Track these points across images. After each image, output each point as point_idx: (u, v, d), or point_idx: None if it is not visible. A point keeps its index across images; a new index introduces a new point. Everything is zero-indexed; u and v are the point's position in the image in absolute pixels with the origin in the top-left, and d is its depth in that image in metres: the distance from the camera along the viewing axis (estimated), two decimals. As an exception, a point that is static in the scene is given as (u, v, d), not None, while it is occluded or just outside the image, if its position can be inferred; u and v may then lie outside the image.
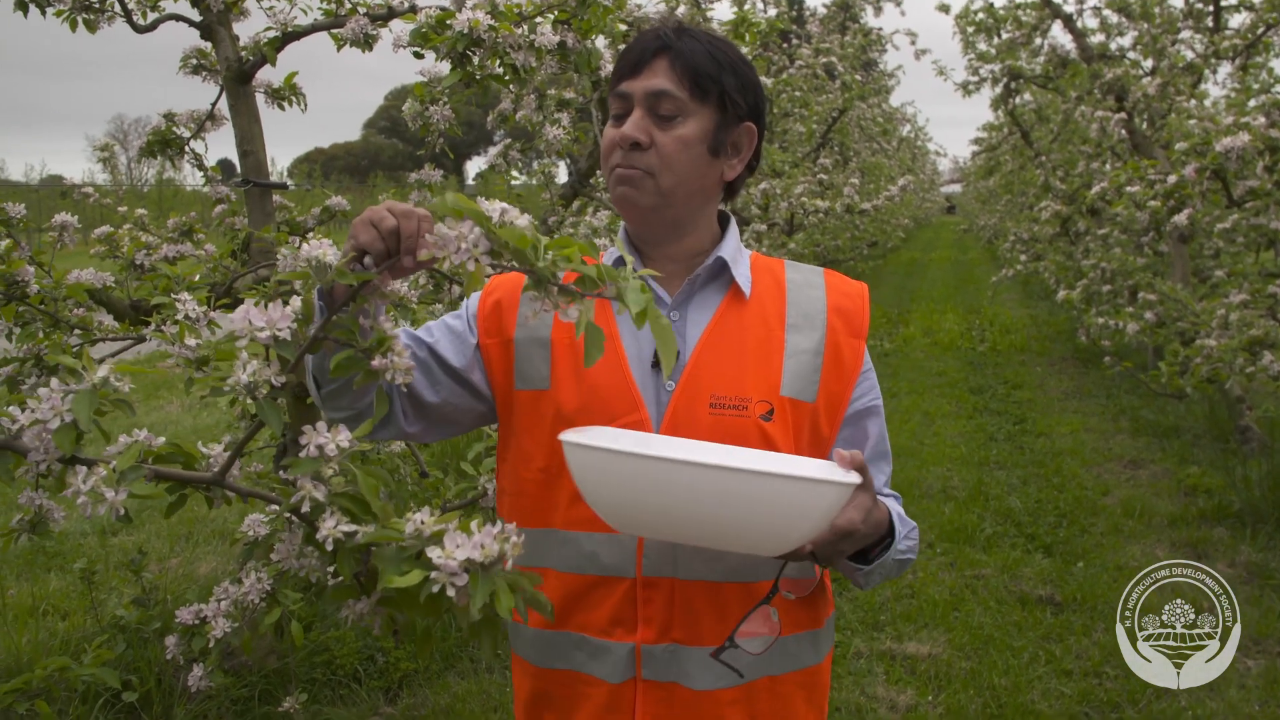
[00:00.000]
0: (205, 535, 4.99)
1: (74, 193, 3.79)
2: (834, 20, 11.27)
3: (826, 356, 1.40)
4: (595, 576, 1.36)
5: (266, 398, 1.08)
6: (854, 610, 4.19)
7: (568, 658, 1.40)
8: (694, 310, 1.42)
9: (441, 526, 0.99)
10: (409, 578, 0.96)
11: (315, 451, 1.09)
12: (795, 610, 1.41)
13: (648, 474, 1.10)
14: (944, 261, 23.59)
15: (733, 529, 1.14)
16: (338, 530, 1.05)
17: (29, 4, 2.66)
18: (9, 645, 3.58)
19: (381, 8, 2.83)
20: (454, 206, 0.99)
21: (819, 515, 1.13)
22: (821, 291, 1.45)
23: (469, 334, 1.45)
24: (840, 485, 1.14)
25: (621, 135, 1.35)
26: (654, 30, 1.38)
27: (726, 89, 1.37)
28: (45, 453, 1.10)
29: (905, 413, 7.83)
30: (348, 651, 3.52)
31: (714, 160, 1.40)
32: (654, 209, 1.38)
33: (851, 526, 1.22)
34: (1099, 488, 5.83)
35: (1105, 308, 7.56)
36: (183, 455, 1.25)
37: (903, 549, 1.38)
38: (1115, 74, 6.62)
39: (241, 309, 1.06)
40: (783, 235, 7.79)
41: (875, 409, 1.46)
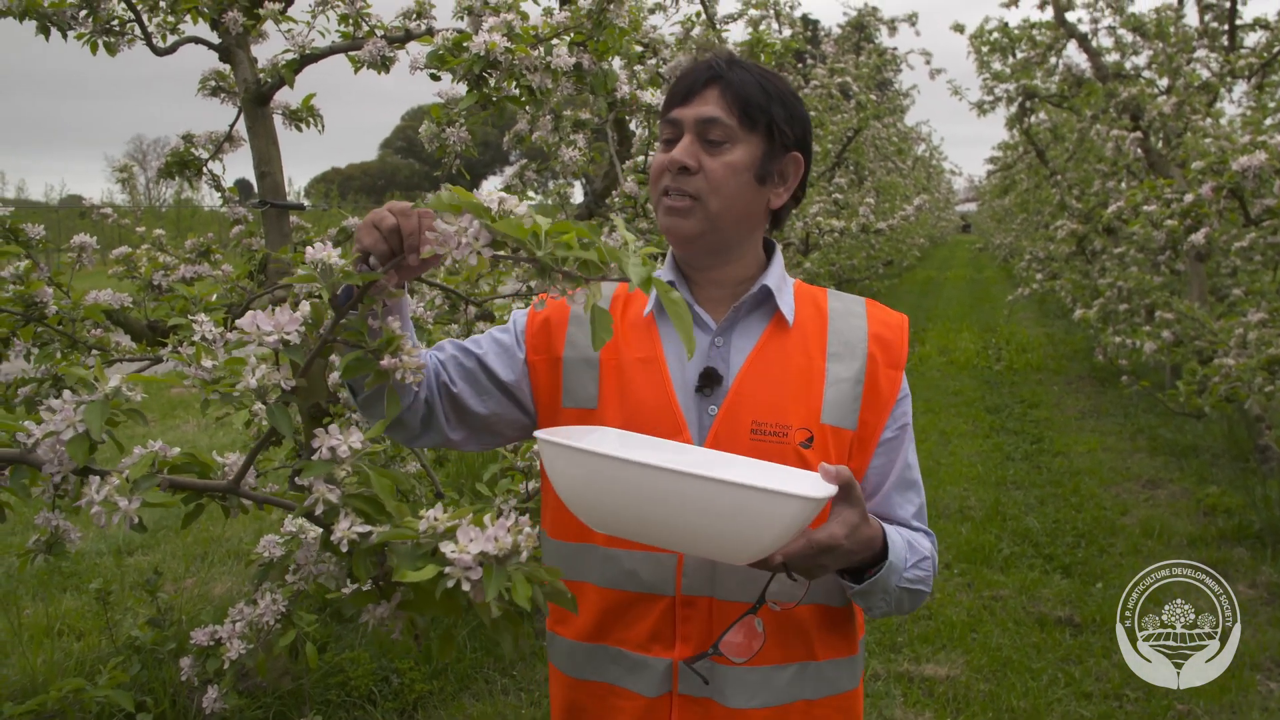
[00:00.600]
0: (220, 555, 4.99)
1: (93, 213, 3.81)
2: (848, 40, 11.30)
3: (866, 386, 1.41)
4: (635, 593, 1.38)
5: (276, 402, 1.08)
6: (871, 631, 4.16)
7: (603, 671, 1.42)
8: (738, 337, 1.44)
9: (455, 522, 0.99)
10: (424, 572, 0.96)
11: (328, 454, 1.09)
12: (831, 635, 1.42)
13: (609, 474, 1.11)
14: (959, 280, 23.52)
15: (696, 534, 1.14)
16: (352, 531, 1.05)
17: (51, 27, 2.69)
18: (24, 666, 3.58)
19: (399, 30, 2.85)
20: (451, 201, 0.99)
21: (782, 527, 1.12)
22: (863, 321, 1.46)
23: (517, 349, 1.48)
24: (802, 499, 1.11)
25: (670, 159, 1.38)
26: (706, 61, 1.42)
27: (775, 119, 1.40)
28: (60, 464, 1.10)
29: (922, 432, 7.78)
30: (362, 673, 3.51)
31: (760, 188, 1.42)
32: (701, 234, 1.40)
33: (833, 542, 1.22)
34: (1117, 507, 5.78)
35: (1122, 327, 7.51)
36: (198, 465, 1.25)
37: (910, 577, 1.36)
38: (1130, 93, 6.60)
39: (249, 315, 1.07)
40: (798, 255, 7.79)
41: (905, 438, 1.46)
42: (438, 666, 3.69)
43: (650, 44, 4.90)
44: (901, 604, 1.38)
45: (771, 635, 1.36)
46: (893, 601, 1.36)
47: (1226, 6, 7.47)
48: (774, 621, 1.36)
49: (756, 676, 1.37)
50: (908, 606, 1.39)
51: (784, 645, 1.38)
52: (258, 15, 2.96)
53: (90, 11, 2.70)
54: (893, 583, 1.33)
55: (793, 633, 1.38)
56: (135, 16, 2.84)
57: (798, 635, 1.39)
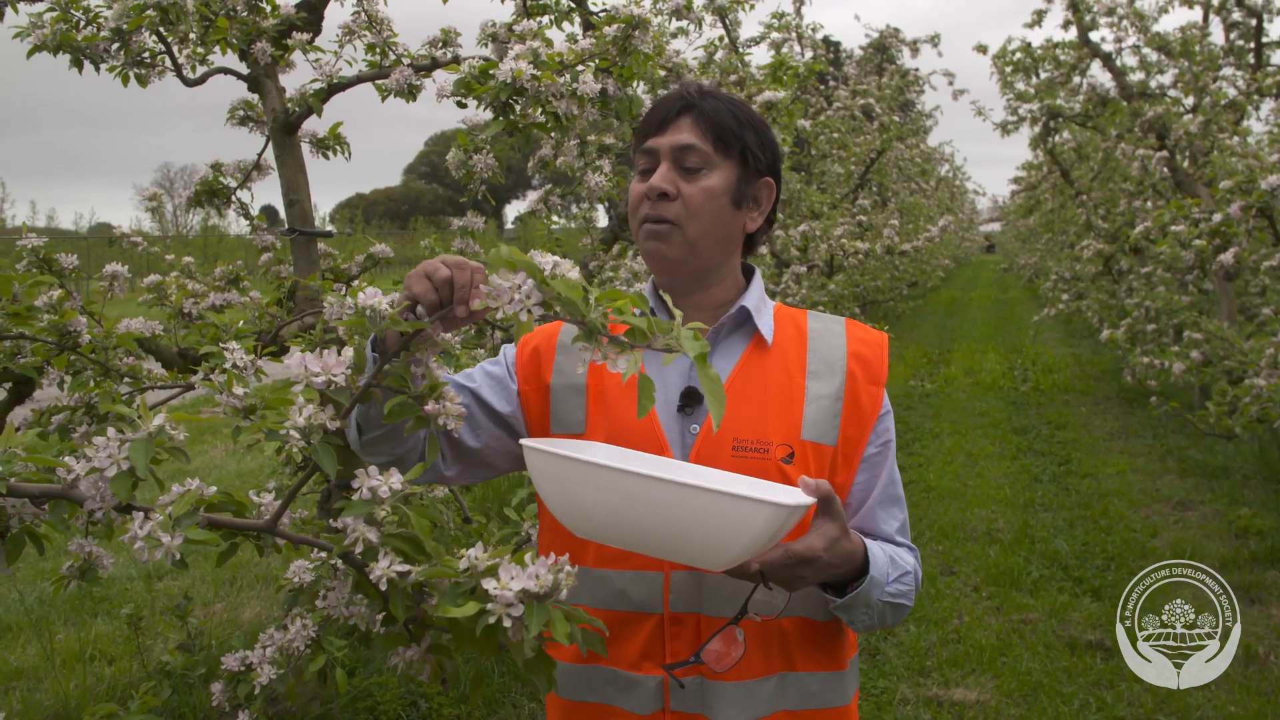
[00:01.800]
0: (249, 580, 5.02)
1: (123, 241, 3.87)
2: (871, 62, 11.33)
3: (846, 402, 1.44)
4: (625, 612, 1.41)
5: (321, 442, 1.09)
6: (900, 655, 4.12)
7: (598, 691, 1.44)
8: (718, 358, 1.47)
9: (495, 561, 1.00)
10: (466, 609, 0.97)
11: (368, 494, 1.10)
12: (812, 649, 1.43)
13: (592, 480, 1.14)
14: (985, 301, 23.41)
15: (672, 539, 1.16)
16: (391, 570, 1.06)
17: (84, 60, 2.74)
18: (58, 691, 3.61)
19: (425, 59, 2.89)
20: (509, 259, 1.01)
21: (754, 534, 1.13)
22: (842, 340, 1.49)
23: (510, 380, 1.51)
24: (772, 505, 1.11)
25: (649, 186, 1.41)
26: (677, 92, 1.47)
27: (748, 144, 1.44)
28: (101, 500, 1.12)
29: (948, 454, 7.74)
30: (391, 698, 3.51)
31: (736, 212, 1.46)
32: (681, 260, 1.43)
33: (811, 554, 1.23)
34: (1147, 529, 5.71)
35: (1150, 347, 7.45)
36: (234, 504, 1.27)
37: (892, 591, 1.37)
38: (1156, 112, 6.57)
39: (297, 356, 1.09)
40: (822, 277, 7.78)
41: (888, 454, 1.48)
42: (464, 691, 3.69)
43: (674, 69, 4.94)
44: (885, 618, 1.39)
45: (755, 648, 1.39)
46: (875, 615, 1.37)
47: (1252, 24, 7.44)
48: (757, 634, 1.39)
49: (742, 691, 1.39)
50: (890, 620, 1.41)
51: (766, 658, 1.40)
52: (286, 46, 3.01)
53: (122, 45, 2.74)
54: (875, 597, 1.35)
55: (775, 645, 1.41)
56: (166, 49, 2.89)
57: (779, 647, 1.41)
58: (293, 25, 3.05)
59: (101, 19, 2.81)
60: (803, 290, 7.42)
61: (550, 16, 3.48)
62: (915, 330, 16.84)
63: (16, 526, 1.25)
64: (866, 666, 4.04)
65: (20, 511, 1.24)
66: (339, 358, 1.10)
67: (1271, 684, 3.77)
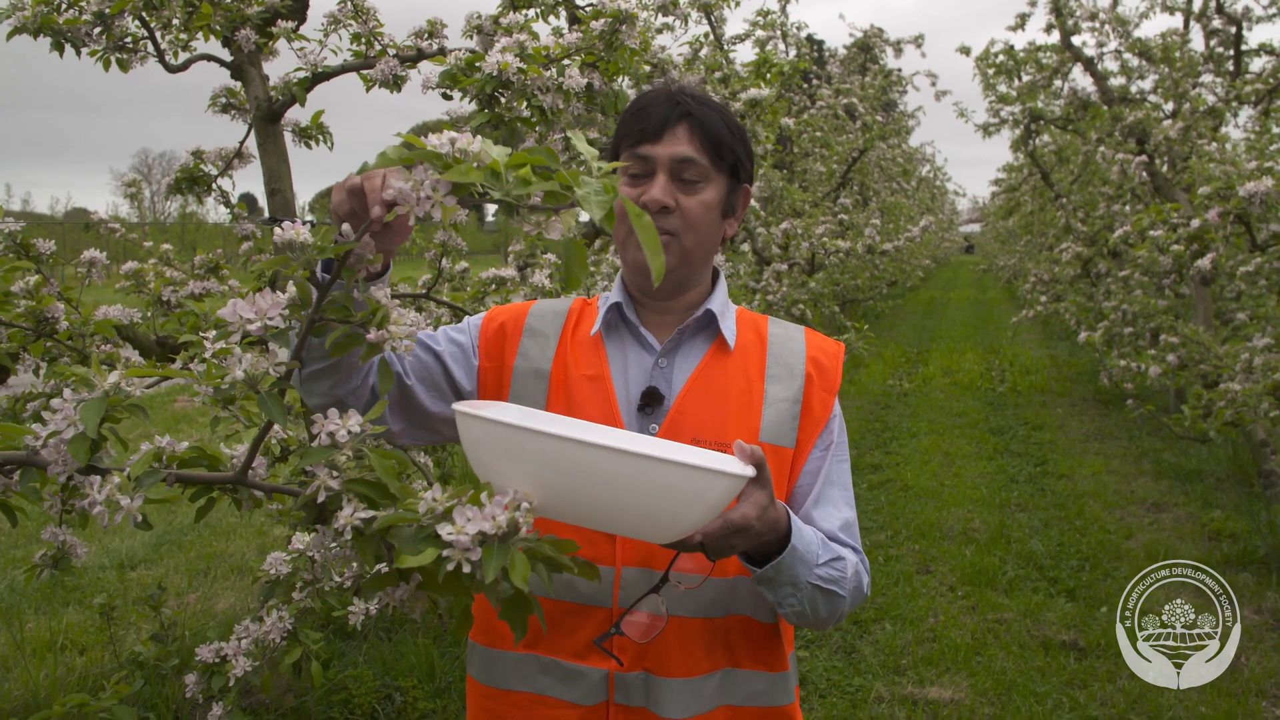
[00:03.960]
0: (223, 571, 4.99)
1: (100, 227, 3.83)
2: (854, 61, 11.36)
3: (803, 406, 1.46)
4: (572, 604, 1.40)
5: (269, 391, 1.06)
6: (875, 653, 4.14)
7: (531, 681, 1.43)
8: (680, 358, 1.49)
9: (453, 502, 0.96)
10: (423, 556, 0.93)
11: (327, 439, 1.08)
12: (755, 647, 1.44)
13: (542, 452, 1.05)
14: (963, 301, 23.54)
15: (624, 513, 1.11)
16: (355, 518, 1.03)
17: (65, 44, 2.70)
18: (27, 681, 3.57)
19: (411, 50, 2.87)
20: (401, 155, 0.95)
21: (707, 505, 1.10)
22: (801, 346, 1.51)
23: (472, 355, 1.51)
24: (732, 477, 1.10)
25: (651, 198, 1.41)
26: (670, 97, 1.45)
27: (739, 156, 1.47)
28: (64, 464, 1.10)
29: (925, 453, 7.78)
30: (366, 690, 3.50)
31: (723, 221, 1.50)
32: (673, 269, 1.45)
33: (746, 522, 1.21)
34: (1122, 531, 5.77)
35: (1127, 350, 7.51)
36: (207, 458, 1.25)
37: (823, 575, 1.34)
38: (1136, 116, 6.63)
39: (230, 304, 1.04)
40: (803, 275, 7.80)
41: (831, 458, 1.48)
42: (441, 684, 3.68)
43: (659, 64, 4.93)
44: (816, 605, 1.35)
45: (698, 645, 1.40)
46: (804, 599, 1.34)
47: (1232, 32, 7.50)
48: (700, 632, 1.40)
49: (689, 688, 1.40)
50: (824, 611, 1.37)
51: (710, 655, 1.41)
52: (270, 33, 2.98)
53: (104, 29, 2.71)
54: (802, 576, 1.32)
55: (719, 642, 1.41)
56: (149, 34, 2.86)
57: (723, 644, 1.42)
58: (277, 13, 3.03)
59: (84, 2, 2.78)
60: (783, 288, 7.43)
61: (537, 10, 3.47)
62: (894, 329, 16.91)
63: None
64: (842, 664, 4.06)
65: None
66: (274, 298, 1.04)
67: (1242, 685, 3.82)
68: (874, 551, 5.40)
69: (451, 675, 3.71)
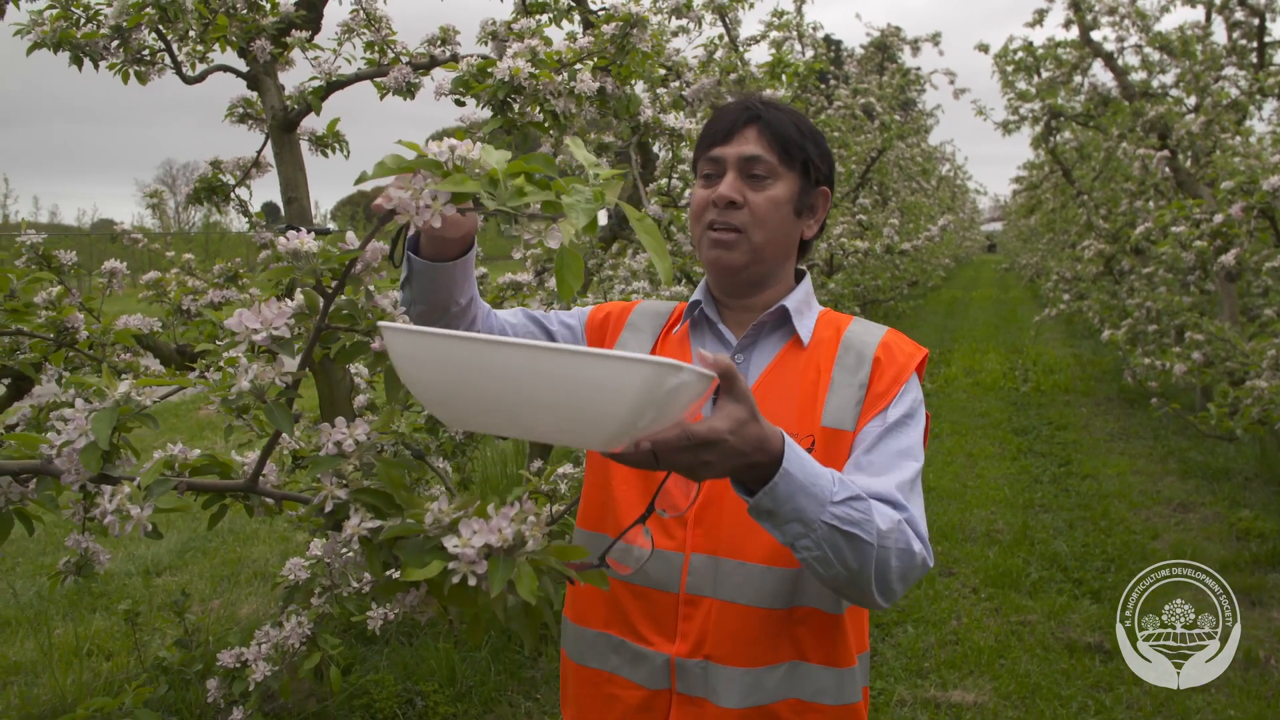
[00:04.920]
0: (247, 576, 5.02)
1: (123, 238, 3.88)
2: (871, 61, 11.31)
3: (868, 389, 1.44)
4: (643, 588, 1.44)
5: (275, 401, 1.06)
6: (897, 656, 4.12)
7: (604, 659, 1.48)
8: (756, 354, 1.51)
9: (459, 514, 0.96)
10: (428, 569, 0.93)
11: (334, 449, 1.08)
12: (822, 640, 1.42)
13: (458, 356, 1.00)
14: (985, 300, 23.39)
15: (539, 412, 1.02)
16: (362, 528, 1.03)
17: (84, 58, 2.74)
18: (54, 685, 3.61)
19: (424, 57, 2.89)
20: (398, 164, 0.94)
21: (632, 401, 0.98)
22: (876, 338, 1.50)
23: (580, 338, 1.61)
24: (649, 365, 0.97)
25: (718, 195, 1.45)
26: (742, 102, 1.51)
27: (810, 155, 1.50)
28: (76, 473, 1.11)
29: (948, 454, 7.73)
30: (387, 695, 3.51)
31: (797, 220, 1.51)
32: (744, 265, 1.48)
33: (714, 435, 1.08)
34: (1148, 531, 5.71)
35: (1151, 348, 7.43)
36: (219, 466, 1.26)
37: (839, 514, 1.19)
38: (1158, 111, 6.56)
39: (236, 314, 1.04)
40: (823, 275, 7.77)
41: (895, 424, 1.41)
42: (462, 688, 3.69)
43: (673, 67, 4.93)
44: (840, 552, 1.20)
45: (764, 637, 1.39)
46: (820, 542, 1.19)
47: (1255, 24, 7.42)
48: (764, 622, 1.39)
49: (750, 678, 1.39)
50: (853, 561, 1.21)
51: (774, 646, 1.40)
52: (285, 43, 3.00)
53: (122, 42, 2.75)
54: (810, 511, 1.17)
55: (784, 635, 1.41)
56: (165, 46, 2.89)
57: (789, 637, 1.41)
58: (292, 23, 3.05)
59: (101, 16, 2.81)
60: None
61: (549, 15, 3.48)
62: (916, 330, 16.82)
63: (4, 506, 1.25)
64: (864, 666, 4.03)
65: (7, 491, 1.24)
66: (279, 307, 1.04)
67: (1272, 688, 3.77)
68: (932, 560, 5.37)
69: (472, 679, 3.71)
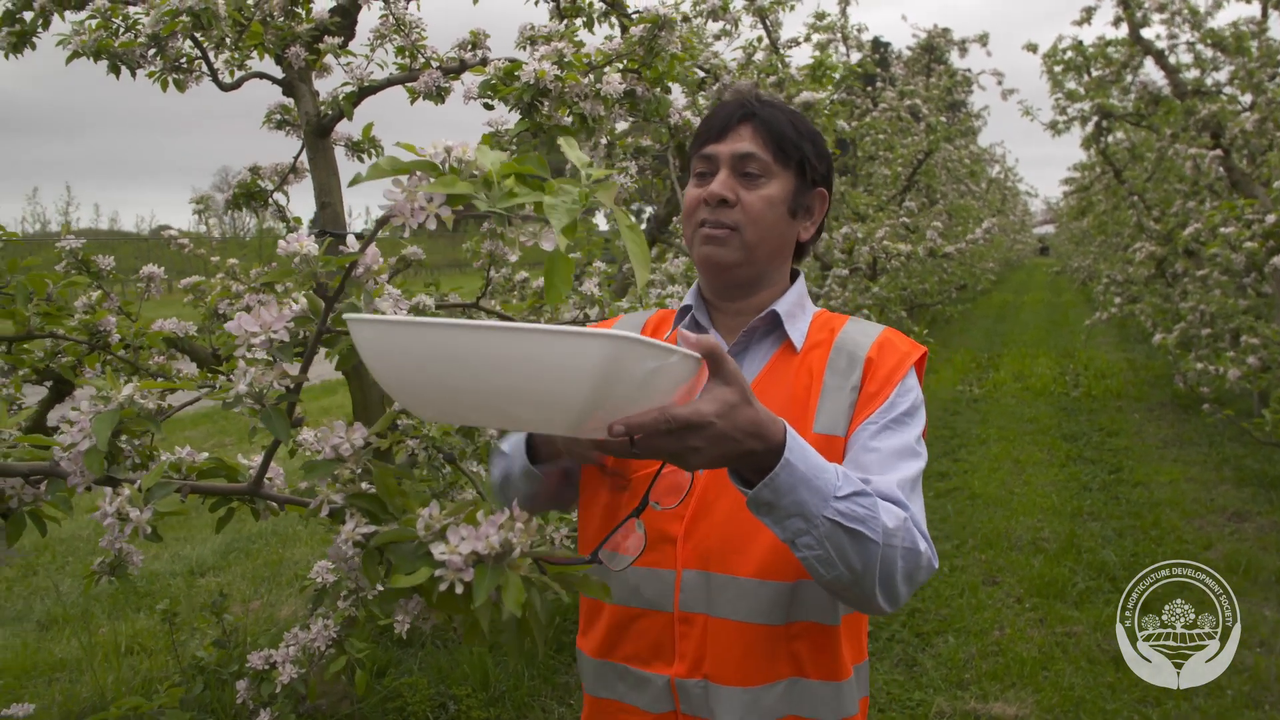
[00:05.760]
0: (287, 578, 5.07)
1: (171, 243, 3.96)
2: (918, 63, 11.18)
3: (861, 393, 1.39)
4: (638, 609, 1.41)
5: (273, 405, 1.06)
6: (937, 667, 4.05)
7: (612, 687, 1.45)
8: (747, 361, 1.46)
9: (449, 520, 0.94)
10: (416, 576, 0.92)
11: (331, 453, 1.07)
12: (821, 655, 1.38)
13: (416, 342, 0.96)
14: (1037, 304, 23.03)
15: (509, 398, 0.97)
16: (356, 534, 1.03)
17: (122, 66, 2.78)
18: (95, 684, 3.67)
19: (454, 61, 2.89)
20: (393, 167, 0.92)
21: (592, 379, 0.92)
22: (870, 339, 1.45)
23: None
24: (606, 339, 0.90)
25: (709, 192, 1.42)
26: (736, 100, 1.47)
27: (806, 155, 1.45)
28: (81, 476, 1.12)
29: (994, 461, 7.60)
30: (420, 699, 3.52)
31: (792, 221, 1.47)
32: (736, 265, 1.44)
33: (699, 418, 1.01)
34: (1200, 541, 5.56)
35: (1205, 352, 7.24)
36: (226, 469, 1.26)
37: (843, 509, 1.13)
38: (1210, 110, 6.40)
39: (237, 318, 1.04)
40: (865, 280, 7.69)
41: (890, 421, 1.35)
42: (495, 693, 3.69)
43: (712, 70, 4.90)
44: (843, 551, 1.14)
45: (761, 654, 1.35)
46: (822, 539, 1.13)
47: (1313, 20, 7.21)
48: (760, 639, 1.35)
49: (748, 697, 1.36)
50: (857, 561, 1.15)
51: (771, 663, 1.36)
52: (318, 50, 3.03)
53: (159, 50, 2.78)
54: (812, 506, 1.11)
55: (781, 651, 1.36)
56: (202, 54, 2.93)
57: (786, 653, 1.37)
58: (326, 29, 3.08)
59: (139, 25, 2.86)
60: (846, 293, 7.33)
61: (583, 19, 3.48)
62: (965, 334, 16.60)
63: (17, 507, 1.26)
64: (902, 677, 3.97)
65: (19, 493, 1.25)
66: (280, 312, 1.04)
67: (1325, 702, 3.64)
68: (939, 561, 5.29)
69: (505, 685, 3.71)
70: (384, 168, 0.95)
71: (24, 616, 4.77)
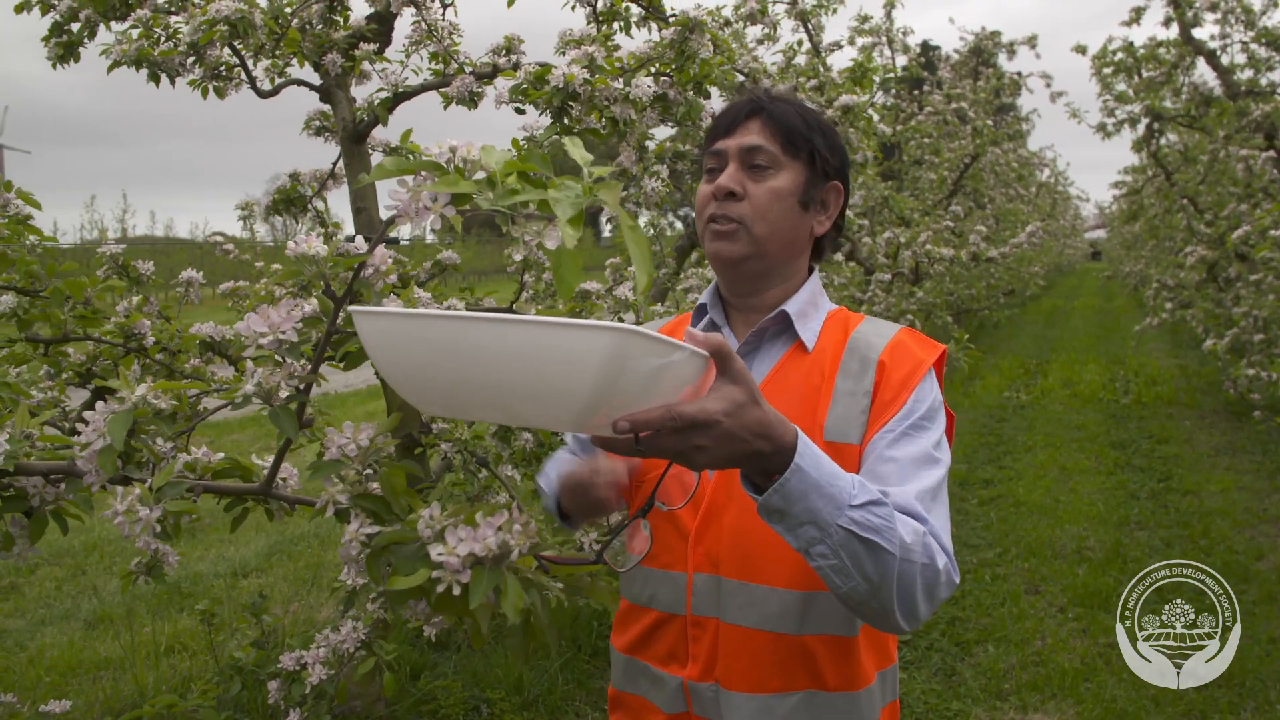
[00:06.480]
0: (327, 580, 5.12)
1: (217, 249, 4.04)
2: (966, 66, 11.06)
3: (874, 398, 1.35)
4: (657, 613, 1.43)
5: (282, 404, 1.06)
6: (976, 677, 3.98)
7: (636, 684, 1.48)
8: (758, 361, 1.44)
9: (448, 521, 0.94)
10: (414, 577, 0.92)
11: (337, 453, 1.08)
12: (840, 665, 1.35)
13: (421, 334, 0.94)
14: (1087, 310, 22.66)
15: (513, 392, 0.94)
16: (360, 534, 1.03)
17: (162, 74, 2.83)
18: (137, 682, 3.73)
19: (487, 66, 2.90)
20: (398, 167, 0.92)
21: (596, 373, 0.90)
22: (884, 340, 1.41)
23: None
24: (607, 331, 0.88)
25: (717, 186, 1.41)
26: (746, 96, 1.46)
27: (816, 147, 1.43)
28: (96, 475, 1.13)
29: (1040, 468, 7.48)
30: (454, 701, 3.54)
31: (804, 214, 1.44)
32: (746, 258, 1.41)
33: (705, 416, 0.98)
34: (1251, 551, 5.42)
35: (1258, 358, 7.06)
36: (240, 469, 1.28)
37: (859, 519, 1.10)
38: (1264, 110, 6.25)
39: (245, 318, 1.06)
40: (908, 284, 7.61)
41: (907, 430, 1.32)
42: (529, 697, 3.69)
43: (751, 74, 4.89)
44: (859, 561, 1.11)
45: (773, 662, 1.34)
46: (837, 549, 1.10)
47: (1372, 18, 7.03)
48: (776, 650, 1.33)
49: (757, 704, 1.34)
50: (874, 573, 1.11)
51: (785, 673, 1.34)
52: (354, 57, 3.06)
53: (198, 59, 2.83)
54: (825, 514, 1.08)
55: (797, 662, 1.34)
56: (240, 62, 2.97)
57: (802, 664, 1.34)
58: (362, 36, 3.11)
59: (179, 35, 2.91)
60: (889, 298, 7.26)
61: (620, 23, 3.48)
62: (1013, 340, 16.37)
63: (39, 506, 1.28)
64: (940, 687, 3.91)
65: (41, 492, 1.27)
66: (288, 312, 1.05)
67: (1381, 720, 3.53)
68: (980, 570, 5.21)
69: (539, 688, 3.71)
70: (389, 168, 0.96)
71: (72, 615, 4.87)
